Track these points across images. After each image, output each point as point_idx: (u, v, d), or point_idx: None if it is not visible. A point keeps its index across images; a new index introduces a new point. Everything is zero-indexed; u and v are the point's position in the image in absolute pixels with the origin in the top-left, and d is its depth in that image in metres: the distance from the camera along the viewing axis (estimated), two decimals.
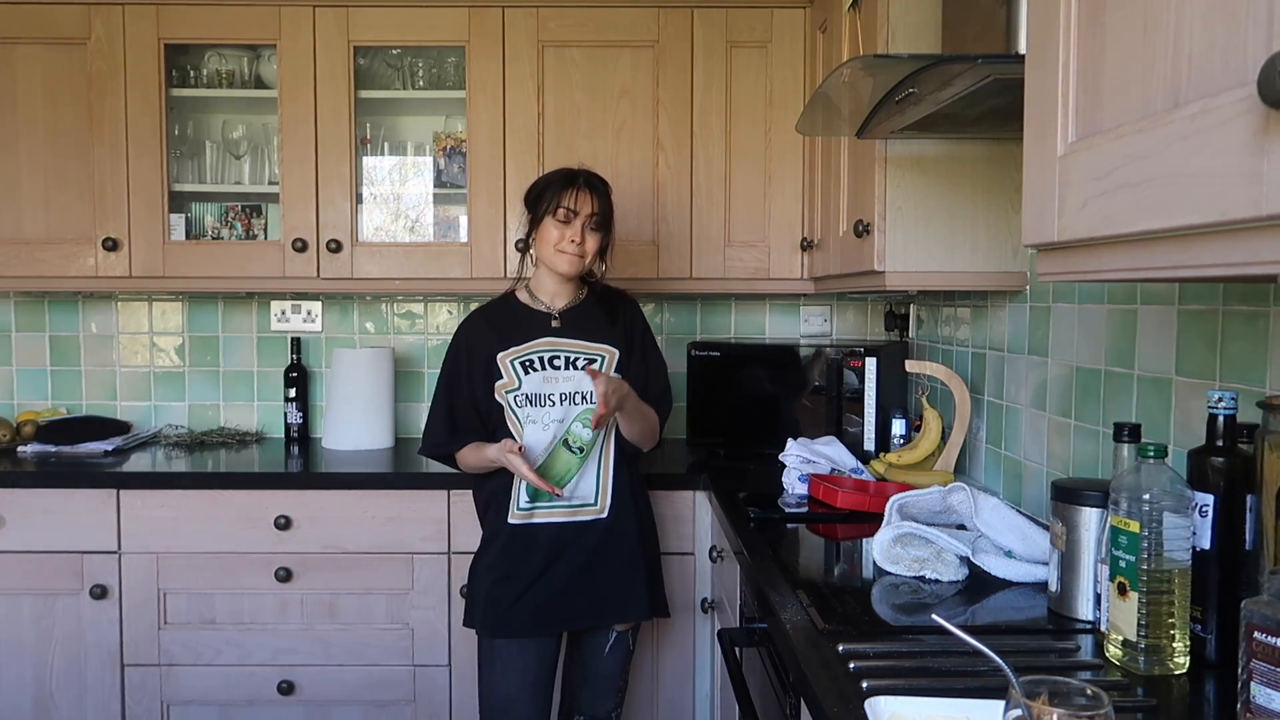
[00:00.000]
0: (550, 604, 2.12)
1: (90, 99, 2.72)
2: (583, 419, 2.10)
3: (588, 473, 2.13)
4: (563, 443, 2.10)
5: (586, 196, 2.09)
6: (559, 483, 2.09)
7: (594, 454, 2.13)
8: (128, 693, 2.55)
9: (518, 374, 2.11)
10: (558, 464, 2.11)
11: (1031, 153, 1.07)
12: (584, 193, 2.09)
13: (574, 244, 2.08)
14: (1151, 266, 0.87)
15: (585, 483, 2.13)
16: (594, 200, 2.10)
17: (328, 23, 2.72)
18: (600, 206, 2.11)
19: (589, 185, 2.11)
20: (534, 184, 2.17)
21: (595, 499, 2.14)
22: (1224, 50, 0.73)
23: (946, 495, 1.73)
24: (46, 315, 3.13)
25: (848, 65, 1.54)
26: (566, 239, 2.08)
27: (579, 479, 2.12)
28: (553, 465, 2.11)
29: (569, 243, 2.08)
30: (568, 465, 2.11)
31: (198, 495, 2.52)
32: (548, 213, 2.09)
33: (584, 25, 2.74)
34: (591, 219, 2.10)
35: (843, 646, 1.26)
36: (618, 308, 2.22)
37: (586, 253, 2.11)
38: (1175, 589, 1.16)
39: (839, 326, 3.18)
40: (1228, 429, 1.18)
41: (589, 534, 2.13)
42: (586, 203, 2.09)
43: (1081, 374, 1.82)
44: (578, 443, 2.10)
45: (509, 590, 2.11)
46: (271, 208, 3.02)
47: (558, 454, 2.11)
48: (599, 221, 2.11)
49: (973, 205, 2.05)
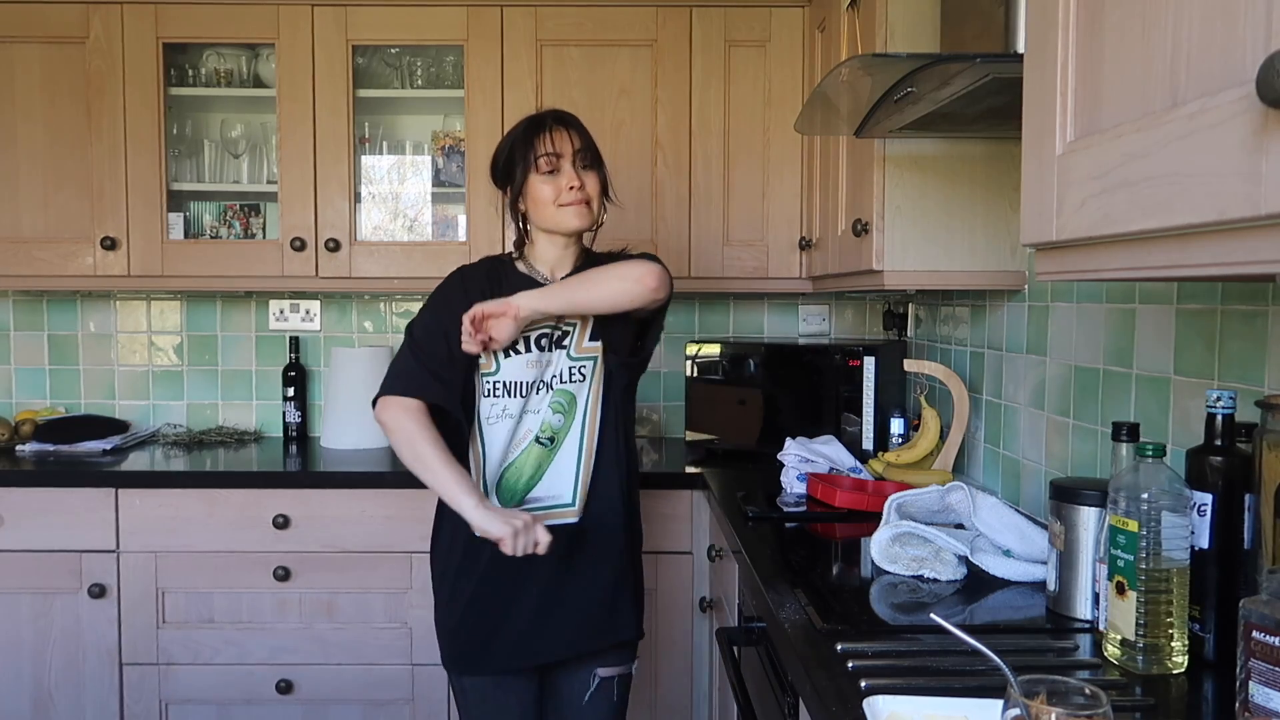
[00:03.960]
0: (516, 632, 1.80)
1: (89, 98, 2.72)
2: (554, 404, 1.79)
3: (562, 466, 1.80)
4: (535, 438, 1.80)
5: (563, 134, 1.78)
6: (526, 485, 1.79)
7: (571, 442, 1.80)
8: (126, 692, 2.55)
9: (496, 356, 1.78)
10: (528, 462, 1.80)
11: (1030, 152, 1.07)
12: (559, 131, 1.78)
13: (573, 190, 1.76)
14: (1150, 266, 0.87)
15: (559, 478, 1.80)
16: (572, 135, 1.79)
17: (326, 21, 2.72)
18: (582, 139, 1.80)
19: (561, 121, 1.80)
20: (496, 150, 1.85)
21: (572, 498, 1.81)
22: (1222, 49, 0.73)
23: (945, 494, 1.73)
24: (45, 314, 3.12)
25: (846, 64, 1.54)
26: (564, 188, 1.76)
27: (550, 477, 1.80)
28: (522, 464, 1.81)
29: (567, 191, 1.76)
30: (537, 461, 1.80)
31: (196, 494, 2.52)
32: (529, 171, 1.77)
33: (582, 24, 2.74)
34: (579, 156, 1.78)
35: (841, 646, 1.26)
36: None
37: (591, 195, 1.78)
38: (1174, 588, 1.16)
39: (837, 326, 3.18)
40: (1226, 428, 1.18)
41: (564, 541, 1.76)
42: (566, 140, 1.78)
43: (1080, 373, 1.82)
44: (547, 432, 1.79)
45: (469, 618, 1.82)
46: (270, 207, 3.02)
47: (529, 452, 1.80)
48: (589, 156, 1.80)
49: (971, 204, 2.05)
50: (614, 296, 1.73)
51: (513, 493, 1.80)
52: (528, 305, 1.72)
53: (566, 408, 1.80)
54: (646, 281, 1.72)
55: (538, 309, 1.73)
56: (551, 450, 1.80)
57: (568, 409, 1.81)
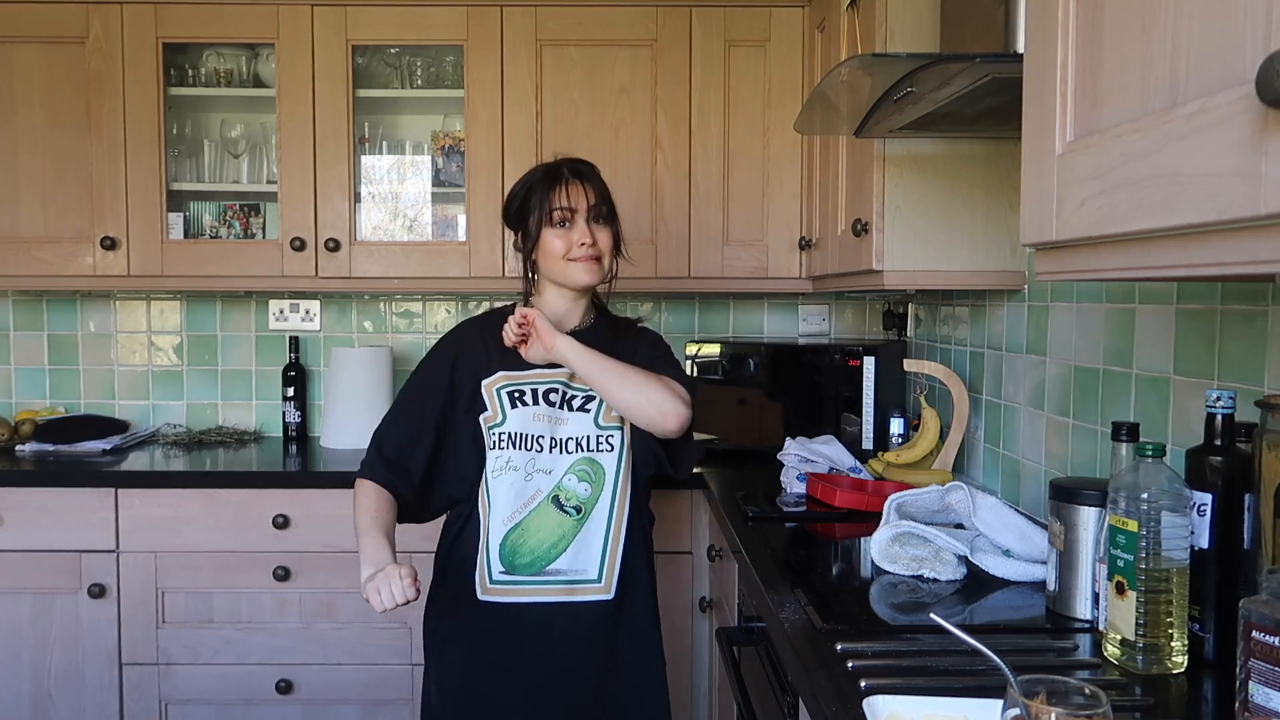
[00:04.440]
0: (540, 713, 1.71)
1: (88, 98, 2.72)
2: (578, 472, 1.71)
3: (590, 540, 1.70)
4: (552, 500, 1.70)
5: (579, 188, 1.75)
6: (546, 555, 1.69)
7: (600, 516, 1.71)
8: (126, 692, 2.55)
9: (502, 406, 1.73)
10: (543, 528, 1.70)
11: (1030, 152, 1.07)
12: (574, 185, 1.74)
13: (584, 246, 1.72)
14: (1149, 266, 0.87)
15: (585, 552, 1.70)
16: (588, 189, 1.75)
17: (326, 22, 2.72)
18: (598, 193, 1.76)
19: (577, 174, 1.76)
20: (511, 194, 1.81)
21: (599, 574, 1.70)
22: (1222, 49, 0.73)
23: (945, 494, 1.73)
24: (45, 314, 3.12)
25: (846, 64, 1.54)
26: (575, 244, 1.73)
27: (575, 549, 1.70)
28: (535, 529, 1.70)
29: (579, 246, 1.72)
30: (558, 530, 1.70)
31: (196, 494, 2.52)
32: (542, 222, 1.74)
33: (582, 24, 2.73)
34: (593, 210, 1.75)
35: (841, 645, 1.26)
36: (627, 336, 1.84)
37: (602, 251, 1.75)
38: (1173, 588, 1.16)
39: (837, 325, 3.18)
40: (1226, 428, 1.18)
41: (590, 619, 1.68)
42: (581, 195, 1.74)
43: (1080, 373, 1.82)
44: (571, 500, 1.70)
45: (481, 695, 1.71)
46: (270, 207, 3.02)
47: (543, 514, 1.70)
48: (604, 211, 1.77)
49: (971, 204, 2.05)
50: (631, 408, 1.67)
51: (532, 560, 1.70)
52: (562, 347, 1.69)
53: (593, 477, 1.72)
54: (668, 421, 1.66)
55: (567, 358, 1.69)
56: (580, 521, 1.71)
57: (594, 479, 1.72)
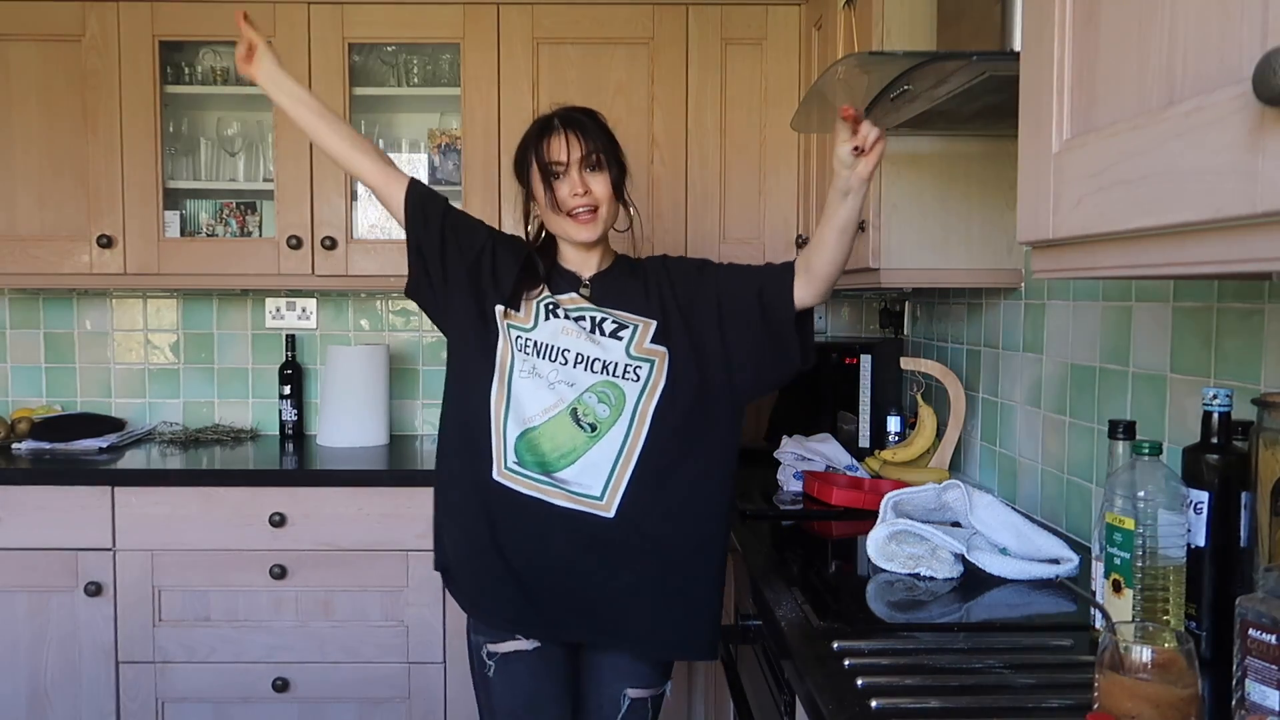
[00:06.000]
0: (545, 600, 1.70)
1: (85, 96, 2.71)
2: (598, 392, 1.68)
3: (598, 458, 1.68)
4: (570, 412, 1.68)
5: (566, 139, 1.69)
6: (559, 459, 1.68)
7: (613, 439, 1.68)
8: (122, 690, 2.54)
9: (536, 314, 1.71)
10: (558, 436, 1.68)
11: (1026, 150, 1.07)
12: (561, 136, 1.69)
13: (577, 196, 1.68)
14: (1146, 264, 0.87)
15: (591, 470, 1.68)
16: (579, 139, 1.69)
17: (322, 20, 2.71)
18: (591, 141, 1.69)
19: (568, 124, 1.70)
20: (518, 147, 1.79)
21: (601, 493, 1.68)
22: (1219, 47, 0.73)
23: (942, 492, 1.74)
24: (41, 312, 3.12)
25: (842, 62, 1.54)
26: (567, 195, 1.68)
27: (584, 462, 1.68)
28: (549, 436, 1.68)
29: (572, 198, 1.68)
30: (571, 442, 1.68)
31: (192, 492, 2.51)
32: (534, 177, 1.72)
33: (579, 22, 2.73)
34: (586, 160, 1.69)
35: (838, 644, 1.26)
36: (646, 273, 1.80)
37: (598, 200, 1.69)
38: (1170, 586, 1.16)
39: (834, 323, 3.18)
40: (1222, 426, 1.18)
41: (588, 531, 1.67)
42: (570, 145, 1.69)
43: (1076, 371, 1.82)
44: (589, 417, 1.68)
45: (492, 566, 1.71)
46: (266, 205, 3.01)
47: (559, 424, 1.68)
48: (597, 158, 1.70)
49: (967, 202, 2.05)
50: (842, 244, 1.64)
51: (541, 461, 1.68)
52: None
53: (612, 400, 1.69)
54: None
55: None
56: (592, 438, 1.68)
57: (614, 403, 1.69)
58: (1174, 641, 0.97)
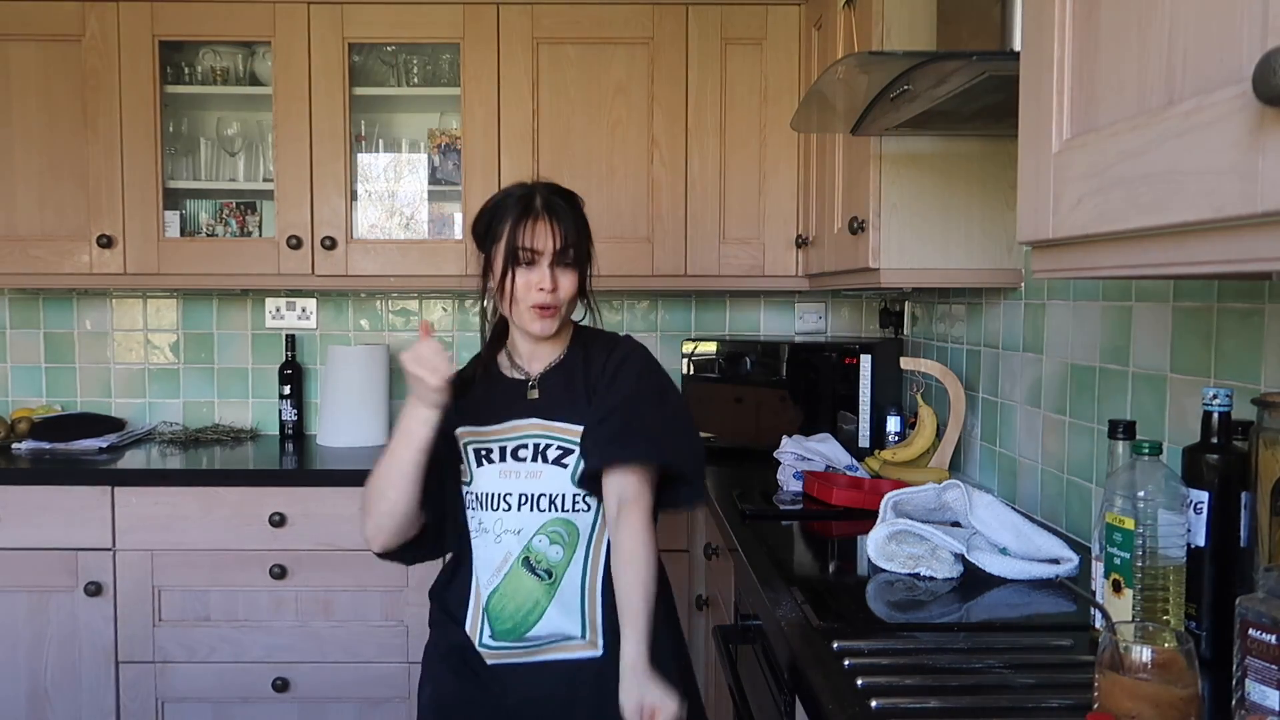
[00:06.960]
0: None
1: (85, 96, 2.71)
2: (549, 533, 1.56)
3: (566, 600, 1.56)
4: (522, 562, 1.56)
5: (547, 228, 1.55)
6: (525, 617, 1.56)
7: (573, 578, 1.57)
8: (122, 690, 2.54)
9: (470, 465, 1.60)
10: (518, 593, 1.55)
11: (1026, 150, 1.07)
12: (542, 222, 1.55)
13: (542, 292, 1.54)
14: (1146, 263, 0.87)
15: (563, 614, 1.56)
16: (557, 229, 1.55)
17: (322, 20, 2.71)
18: (567, 233, 1.56)
19: (550, 210, 1.56)
20: (481, 211, 1.63)
21: (582, 631, 1.56)
22: (1219, 47, 0.73)
23: (941, 492, 1.73)
24: (41, 312, 3.12)
25: (842, 62, 1.54)
26: (534, 286, 1.55)
27: (551, 611, 1.55)
28: (510, 595, 1.56)
29: (536, 291, 1.55)
30: (532, 596, 1.55)
31: (192, 492, 2.51)
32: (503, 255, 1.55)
33: (579, 22, 2.73)
34: (560, 256, 1.56)
35: (838, 644, 1.26)
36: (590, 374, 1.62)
37: (561, 300, 1.56)
38: (1170, 586, 1.16)
39: (834, 323, 3.18)
40: (1222, 426, 1.18)
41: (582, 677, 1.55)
42: (547, 236, 1.55)
43: (1076, 371, 1.82)
44: (542, 563, 1.55)
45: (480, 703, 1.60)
46: (266, 205, 3.01)
47: (515, 579, 1.56)
48: (572, 254, 1.57)
49: (967, 202, 2.05)
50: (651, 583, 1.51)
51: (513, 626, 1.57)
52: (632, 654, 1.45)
53: (566, 539, 1.57)
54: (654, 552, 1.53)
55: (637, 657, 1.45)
56: (551, 585, 1.56)
57: (567, 540, 1.57)
58: (1174, 641, 0.97)
